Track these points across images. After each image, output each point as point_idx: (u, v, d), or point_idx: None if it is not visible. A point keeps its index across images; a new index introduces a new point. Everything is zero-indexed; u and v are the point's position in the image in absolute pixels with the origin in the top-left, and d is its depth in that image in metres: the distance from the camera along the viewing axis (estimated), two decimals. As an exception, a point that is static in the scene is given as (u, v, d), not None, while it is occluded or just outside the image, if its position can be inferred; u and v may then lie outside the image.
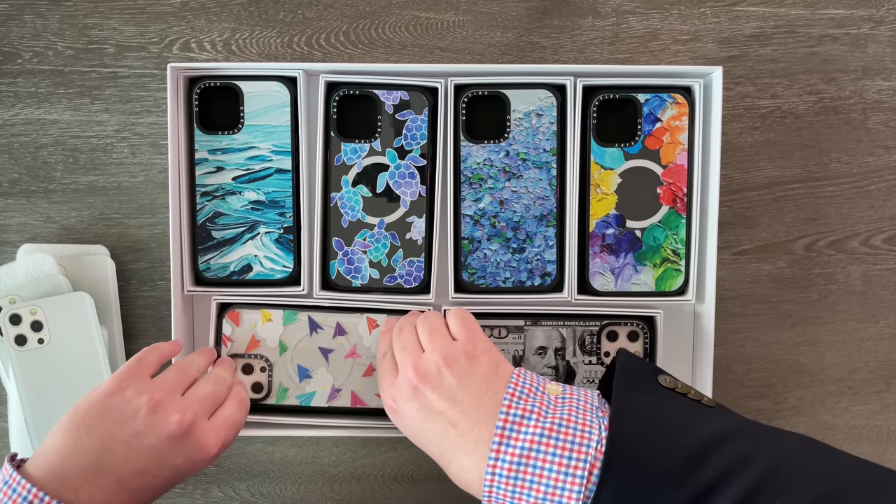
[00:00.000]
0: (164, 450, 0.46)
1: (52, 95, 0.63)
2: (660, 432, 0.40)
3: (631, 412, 0.41)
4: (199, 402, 0.50)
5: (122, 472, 0.45)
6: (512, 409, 0.43)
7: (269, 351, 0.59)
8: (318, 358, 0.59)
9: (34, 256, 0.59)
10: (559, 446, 0.41)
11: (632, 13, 0.62)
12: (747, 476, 0.37)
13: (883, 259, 0.64)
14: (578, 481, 0.40)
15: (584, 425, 0.41)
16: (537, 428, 0.41)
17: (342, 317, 0.58)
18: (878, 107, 0.63)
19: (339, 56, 0.62)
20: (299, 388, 0.59)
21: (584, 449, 0.40)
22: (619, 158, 0.59)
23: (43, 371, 0.58)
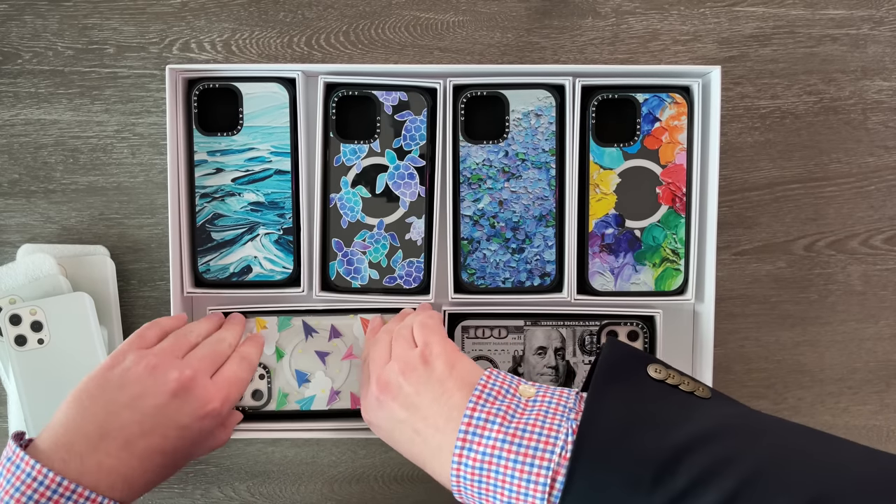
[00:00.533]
0: (167, 408, 0.46)
1: (52, 96, 0.63)
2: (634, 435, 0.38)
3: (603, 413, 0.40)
4: (199, 360, 0.50)
5: (127, 434, 0.45)
6: (476, 411, 0.42)
7: (267, 358, 0.59)
8: (315, 361, 0.59)
9: (34, 257, 0.59)
10: (521, 452, 0.40)
11: (631, 13, 0.62)
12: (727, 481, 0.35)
13: (882, 259, 0.64)
14: (541, 489, 0.39)
15: (551, 430, 0.40)
16: (500, 433, 0.41)
17: (336, 319, 0.59)
18: (877, 107, 0.63)
19: (338, 56, 0.62)
20: (298, 392, 0.59)
21: (546, 455, 0.39)
22: (618, 158, 0.59)
23: (43, 371, 0.58)
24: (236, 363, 0.53)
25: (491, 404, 0.42)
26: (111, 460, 0.44)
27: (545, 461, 0.39)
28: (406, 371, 0.47)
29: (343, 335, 0.59)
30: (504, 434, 0.40)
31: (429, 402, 0.45)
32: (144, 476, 0.45)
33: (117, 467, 0.44)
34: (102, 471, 0.43)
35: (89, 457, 0.43)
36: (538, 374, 0.61)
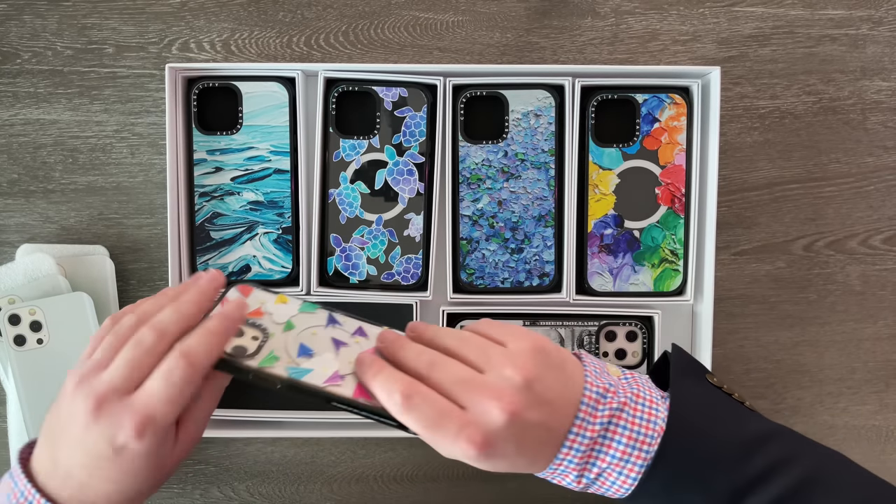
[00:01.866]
0: (87, 442, 0.40)
1: (51, 95, 0.63)
2: (715, 419, 0.41)
3: (689, 397, 0.42)
4: (111, 373, 0.40)
5: (79, 477, 0.40)
6: (594, 387, 0.41)
7: (272, 325, 0.46)
8: (328, 345, 0.46)
9: (33, 256, 0.59)
10: (630, 421, 0.41)
11: (631, 14, 0.62)
12: (793, 472, 0.39)
13: (882, 259, 0.64)
14: (637, 469, 0.40)
15: (651, 402, 0.42)
16: (613, 404, 0.41)
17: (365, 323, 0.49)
18: (876, 107, 0.63)
19: (338, 56, 0.62)
20: (294, 361, 0.45)
21: (648, 441, 0.41)
22: (617, 159, 0.59)
23: (42, 371, 0.58)
24: (164, 370, 0.40)
25: (599, 380, 0.42)
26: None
27: (645, 445, 0.40)
28: (526, 369, 0.40)
29: (368, 337, 0.47)
30: (618, 403, 0.41)
31: (559, 395, 0.41)
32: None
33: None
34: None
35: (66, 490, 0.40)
36: (537, 374, 0.61)
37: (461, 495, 0.66)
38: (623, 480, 0.41)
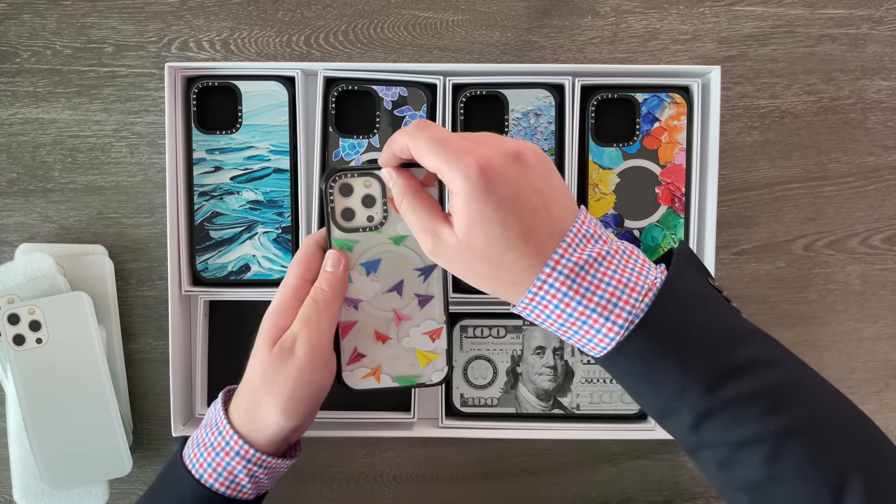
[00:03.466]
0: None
1: (51, 95, 0.62)
2: (707, 306, 0.40)
3: (687, 279, 0.40)
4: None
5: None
6: (585, 225, 0.40)
7: (392, 225, 0.46)
8: (392, 282, 0.47)
9: (32, 256, 0.59)
10: (622, 266, 0.39)
11: (631, 13, 0.62)
12: (774, 372, 0.38)
13: (882, 259, 0.64)
14: (634, 298, 0.39)
15: (644, 261, 0.41)
16: (605, 245, 0.40)
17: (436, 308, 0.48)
18: (877, 107, 0.63)
19: (337, 55, 0.62)
20: (356, 266, 0.46)
21: (646, 274, 0.40)
22: (617, 158, 0.59)
23: (41, 371, 0.58)
24: (309, 299, 0.45)
25: (589, 227, 0.41)
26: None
27: (641, 281, 0.39)
28: (526, 150, 0.40)
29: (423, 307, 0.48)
30: (609, 246, 0.40)
31: (559, 186, 0.41)
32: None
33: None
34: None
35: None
36: (536, 374, 0.61)
37: (461, 495, 0.66)
38: (604, 335, 0.39)
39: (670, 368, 0.38)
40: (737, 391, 0.38)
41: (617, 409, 0.62)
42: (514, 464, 0.65)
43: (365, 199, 0.45)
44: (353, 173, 0.45)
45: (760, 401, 0.37)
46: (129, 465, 0.60)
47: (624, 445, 0.65)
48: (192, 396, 0.62)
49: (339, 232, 0.45)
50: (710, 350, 0.38)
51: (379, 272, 0.46)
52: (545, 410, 0.62)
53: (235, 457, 0.46)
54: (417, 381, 0.48)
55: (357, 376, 0.48)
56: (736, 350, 0.39)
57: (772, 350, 0.40)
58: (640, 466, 0.65)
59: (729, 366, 0.38)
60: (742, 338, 0.40)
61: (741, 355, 0.39)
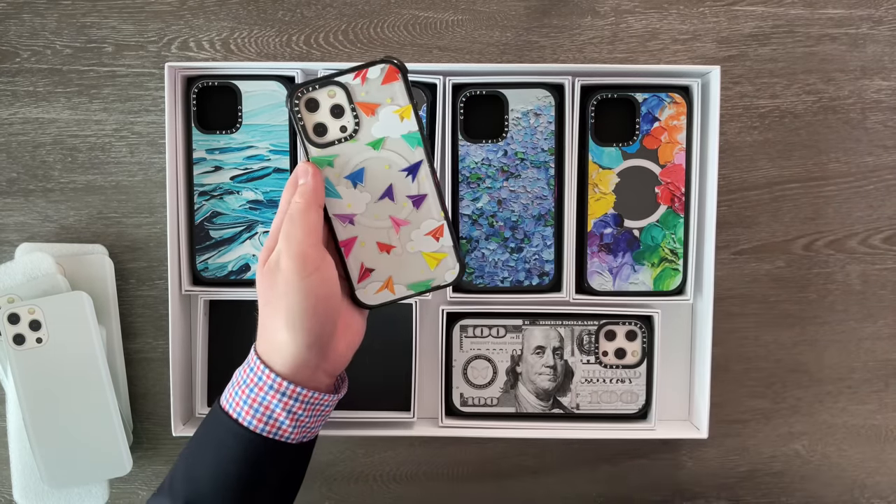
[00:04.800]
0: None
1: (51, 94, 0.62)
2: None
3: None
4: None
5: None
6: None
7: (366, 131, 0.45)
8: (380, 187, 0.46)
9: (32, 255, 0.59)
10: None
11: (631, 13, 0.62)
12: None
13: (881, 259, 0.64)
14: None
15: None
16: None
17: (434, 199, 0.47)
18: (876, 106, 0.63)
19: (337, 55, 0.62)
20: (339, 180, 0.46)
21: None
22: (617, 158, 0.59)
23: (41, 370, 0.58)
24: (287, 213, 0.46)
25: None
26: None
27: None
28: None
29: (419, 210, 0.47)
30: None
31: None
32: None
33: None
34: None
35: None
36: (536, 374, 0.61)
37: (461, 495, 0.66)
38: None
39: None
40: None
41: (617, 408, 0.62)
42: (514, 463, 0.65)
43: (333, 109, 0.45)
44: (315, 85, 0.44)
45: None
46: (129, 465, 0.60)
47: (624, 445, 0.65)
48: (192, 396, 0.62)
49: (315, 149, 0.45)
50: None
51: (365, 181, 0.46)
52: (545, 410, 0.62)
53: (269, 391, 0.45)
54: (432, 284, 0.48)
55: (371, 292, 0.47)
56: None
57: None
58: (639, 466, 0.65)
59: None
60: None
61: None
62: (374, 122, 0.45)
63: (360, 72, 0.44)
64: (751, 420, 0.65)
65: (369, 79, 0.44)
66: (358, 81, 0.45)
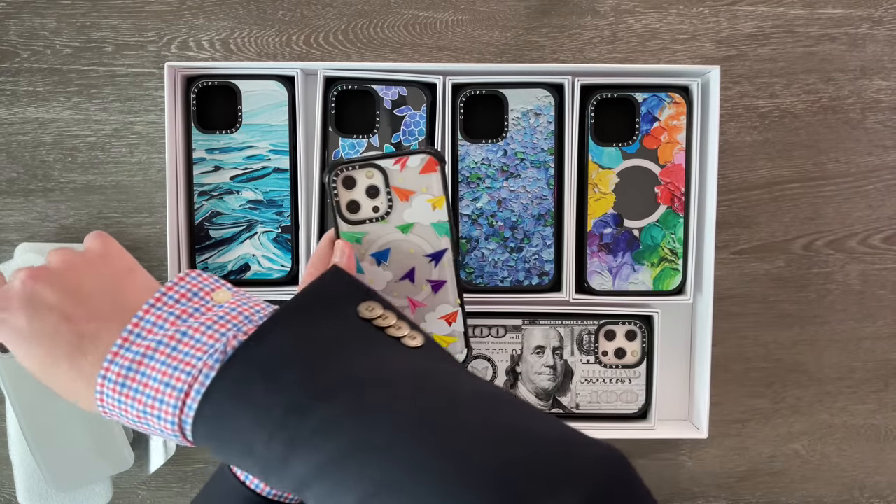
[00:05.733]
0: None
1: (51, 94, 0.62)
2: (289, 364, 0.35)
3: (274, 335, 0.36)
4: None
5: None
6: (149, 314, 0.37)
7: (398, 213, 0.46)
8: (402, 269, 0.47)
9: (26, 257, 0.59)
10: (171, 356, 0.35)
11: (630, 13, 0.62)
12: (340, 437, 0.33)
13: (881, 258, 0.64)
14: (176, 394, 0.35)
15: (212, 337, 0.36)
16: (162, 336, 0.36)
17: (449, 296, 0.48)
18: (876, 106, 0.63)
19: (337, 55, 0.62)
20: (364, 257, 0.47)
21: (193, 362, 0.35)
22: (616, 158, 0.59)
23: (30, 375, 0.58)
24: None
25: (170, 307, 0.38)
26: None
27: (189, 366, 0.35)
28: (69, 262, 0.39)
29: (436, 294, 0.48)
30: (164, 336, 0.36)
31: (94, 290, 0.39)
32: None
33: None
34: None
35: None
36: (536, 374, 0.61)
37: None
38: (165, 411, 0.35)
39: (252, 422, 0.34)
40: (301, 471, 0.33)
41: (616, 408, 0.62)
42: (514, 463, 0.65)
43: (369, 189, 0.45)
44: (355, 165, 0.45)
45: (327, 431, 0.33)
46: (130, 459, 0.60)
47: (624, 445, 0.65)
48: (191, 396, 0.62)
49: (346, 225, 0.46)
50: (274, 422, 0.33)
51: (389, 261, 0.47)
52: (545, 410, 0.62)
53: None
54: None
55: None
56: (306, 418, 0.33)
57: (347, 409, 0.34)
58: (639, 466, 0.65)
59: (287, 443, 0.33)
60: (320, 398, 0.34)
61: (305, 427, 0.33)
62: (406, 208, 0.46)
63: (401, 159, 0.45)
64: (750, 420, 0.65)
65: (409, 166, 0.45)
66: (397, 167, 0.46)
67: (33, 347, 0.38)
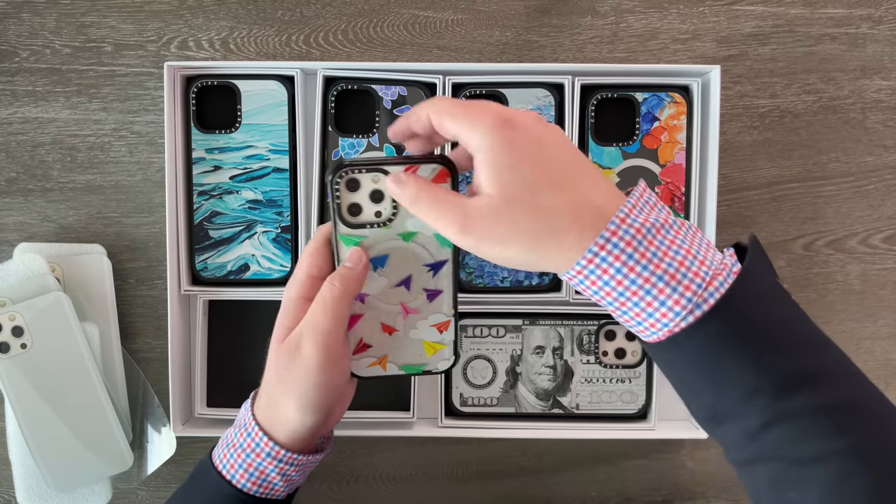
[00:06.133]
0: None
1: (50, 94, 0.62)
2: (783, 302, 0.37)
3: (763, 269, 0.37)
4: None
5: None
6: (647, 193, 0.38)
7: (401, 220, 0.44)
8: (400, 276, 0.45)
9: (25, 257, 0.59)
10: (688, 238, 0.36)
11: (631, 12, 0.62)
12: (841, 388, 0.35)
13: (881, 258, 0.64)
14: (702, 275, 0.35)
15: (709, 242, 0.38)
16: (669, 215, 0.37)
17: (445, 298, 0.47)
18: (876, 106, 0.63)
19: (337, 55, 0.62)
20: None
21: (710, 254, 0.36)
22: (616, 158, 0.59)
23: (30, 375, 0.58)
24: (318, 296, 0.44)
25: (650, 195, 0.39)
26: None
27: (710, 257, 0.36)
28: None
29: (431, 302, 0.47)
30: (674, 219, 0.37)
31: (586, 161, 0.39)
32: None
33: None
34: None
35: None
36: (536, 374, 0.61)
37: (461, 495, 0.66)
38: (668, 308, 0.35)
39: (742, 367, 0.35)
40: (807, 402, 0.34)
41: (616, 408, 0.62)
42: (514, 463, 0.65)
43: (373, 194, 0.43)
44: (361, 168, 0.42)
45: (831, 416, 0.34)
46: (130, 459, 0.60)
47: (623, 445, 0.65)
48: (191, 396, 0.62)
49: (344, 228, 0.44)
50: (785, 352, 0.35)
51: (387, 267, 0.45)
52: (545, 410, 0.62)
53: (266, 458, 0.45)
54: (424, 370, 0.48)
55: (363, 365, 0.47)
56: (809, 356, 0.35)
57: (843, 363, 0.36)
58: (639, 466, 0.65)
59: (802, 372, 0.35)
60: (815, 344, 0.36)
61: (813, 362, 0.35)
62: (410, 216, 0.43)
63: (412, 167, 0.42)
64: (751, 420, 0.65)
65: (418, 174, 0.42)
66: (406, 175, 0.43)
67: (540, 166, 0.37)
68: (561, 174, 0.37)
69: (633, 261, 0.35)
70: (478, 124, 0.37)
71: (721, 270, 0.36)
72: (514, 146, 0.36)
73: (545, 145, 0.37)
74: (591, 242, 0.36)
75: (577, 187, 0.37)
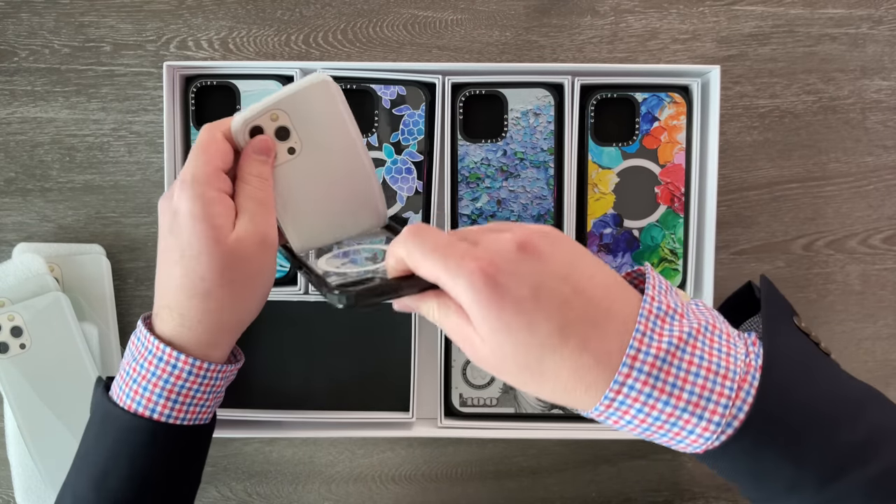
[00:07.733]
0: None
1: (49, 94, 0.62)
2: (811, 378, 0.35)
3: (785, 342, 0.36)
4: None
5: None
6: (655, 301, 0.35)
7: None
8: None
9: (24, 257, 0.59)
10: (706, 350, 0.34)
11: (630, 12, 0.62)
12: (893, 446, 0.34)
13: (881, 259, 0.64)
14: (727, 393, 0.34)
15: (728, 336, 0.35)
16: (683, 321, 0.35)
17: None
18: (876, 106, 0.63)
19: (336, 54, 0.62)
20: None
21: (731, 360, 0.34)
22: (616, 158, 0.59)
23: (30, 376, 0.58)
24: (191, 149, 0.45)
25: (664, 296, 0.36)
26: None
27: (731, 365, 0.34)
28: (551, 235, 0.36)
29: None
30: (689, 328, 0.35)
31: (591, 268, 0.36)
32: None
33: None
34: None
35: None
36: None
37: (460, 495, 0.66)
38: (697, 435, 0.34)
39: (780, 464, 0.34)
40: (856, 482, 0.33)
41: (616, 409, 0.61)
42: (514, 464, 0.65)
43: (279, 132, 0.44)
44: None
45: (881, 485, 0.33)
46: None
47: (624, 445, 0.65)
48: (190, 396, 0.62)
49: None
50: (823, 433, 0.34)
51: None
52: (544, 410, 0.61)
53: (189, 376, 0.43)
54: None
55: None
56: (851, 426, 0.34)
57: (885, 414, 0.35)
58: (639, 466, 0.65)
59: (846, 450, 0.34)
60: (855, 408, 0.35)
61: (858, 433, 0.34)
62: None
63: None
64: (750, 420, 0.65)
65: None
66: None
67: (536, 319, 0.34)
68: (559, 328, 0.34)
69: (652, 399, 0.34)
70: (456, 276, 0.34)
71: (746, 374, 0.34)
72: (501, 308, 0.34)
73: (538, 294, 0.34)
74: (605, 388, 0.34)
75: (579, 334, 0.34)
